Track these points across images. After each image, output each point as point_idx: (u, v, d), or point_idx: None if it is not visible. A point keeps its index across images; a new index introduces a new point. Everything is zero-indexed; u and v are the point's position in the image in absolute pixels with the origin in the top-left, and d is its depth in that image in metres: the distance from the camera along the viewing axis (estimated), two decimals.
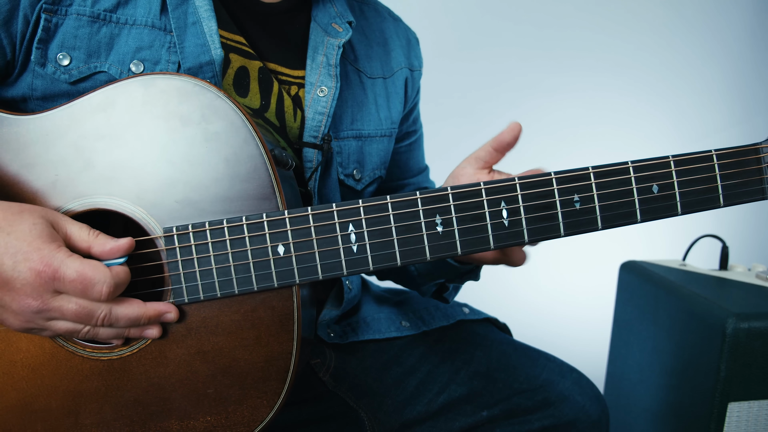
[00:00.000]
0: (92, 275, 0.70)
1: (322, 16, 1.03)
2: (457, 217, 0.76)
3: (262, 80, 0.96)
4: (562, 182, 0.77)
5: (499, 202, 0.77)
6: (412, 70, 1.18)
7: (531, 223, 0.77)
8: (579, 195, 0.77)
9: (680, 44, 2.64)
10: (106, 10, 0.87)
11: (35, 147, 0.78)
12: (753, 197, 0.80)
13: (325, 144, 0.99)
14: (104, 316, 0.73)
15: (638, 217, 0.78)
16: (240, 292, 0.77)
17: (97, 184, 0.78)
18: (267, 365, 0.78)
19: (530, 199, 0.77)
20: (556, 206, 0.77)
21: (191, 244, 0.77)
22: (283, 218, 0.76)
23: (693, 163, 0.78)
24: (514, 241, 0.77)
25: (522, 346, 1.13)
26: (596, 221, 0.78)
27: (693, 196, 0.79)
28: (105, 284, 0.71)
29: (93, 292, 0.71)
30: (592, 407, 1.04)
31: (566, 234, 0.78)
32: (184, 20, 0.89)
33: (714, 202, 0.79)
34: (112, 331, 0.76)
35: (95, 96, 0.78)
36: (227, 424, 0.79)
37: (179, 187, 0.77)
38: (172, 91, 0.77)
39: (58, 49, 0.85)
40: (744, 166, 0.79)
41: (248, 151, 0.77)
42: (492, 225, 0.77)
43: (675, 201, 0.78)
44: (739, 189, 0.79)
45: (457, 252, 0.77)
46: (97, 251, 0.74)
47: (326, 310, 1.05)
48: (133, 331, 0.77)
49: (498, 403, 1.04)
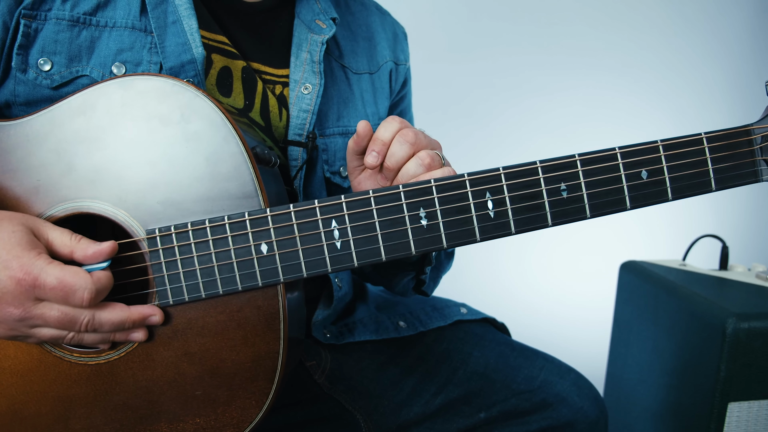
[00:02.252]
0: (73, 281, 0.70)
1: (306, 13, 1.02)
2: (442, 209, 0.75)
3: (245, 80, 0.95)
4: (547, 171, 0.75)
5: (484, 193, 0.75)
6: (397, 63, 1.17)
7: (517, 214, 0.76)
8: (566, 183, 0.76)
9: (681, 44, 2.62)
10: (86, 14, 0.87)
11: (17, 152, 0.78)
12: (746, 180, 0.78)
13: (310, 142, 0.98)
14: (87, 322, 0.73)
15: (627, 204, 0.76)
16: (225, 292, 0.76)
17: (80, 187, 0.78)
18: (254, 365, 0.78)
19: (516, 189, 0.75)
20: (542, 196, 0.76)
21: (174, 246, 0.76)
22: (266, 216, 0.75)
23: (683, 146, 0.77)
24: (500, 232, 0.76)
25: (520, 346, 1.12)
26: (584, 209, 0.76)
27: (684, 181, 0.77)
28: (86, 290, 0.71)
29: (74, 299, 0.71)
30: (590, 408, 1.02)
31: (554, 224, 0.76)
32: (164, 20, 0.89)
33: (706, 186, 0.77)
34: (97, 336, 0.75)
35: (74, 99, 0.78)
36: (216, 426, 0.79)
37: (161, 188, 0.77)
38: (150, 92, 0.77)
39: (38, 54, 0.85)
40: (735, 149, 0.77)
41: (229, 150, 0.77)
42: (477, 217, 0.75)
43: (665, 186, 0.76)
44: (732, 172, 0.77)
45: (442, 245, 0.76)
46: (79, 256, 0.74)
47: (319, 310, 1.04)
48: (118, 336, 0.76)
49: (496, 404, 1.03)
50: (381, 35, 1.15)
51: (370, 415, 1.02)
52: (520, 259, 2.55)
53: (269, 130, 0.98)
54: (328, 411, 1.02)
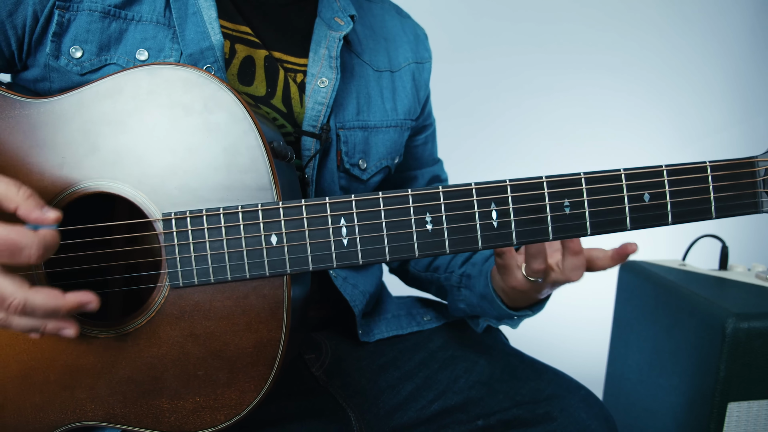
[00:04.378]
0: (18, 239, 0.67)
1: (326, 11, 1.06)
2: (447, 215, 0.78)
3: (267, 68, 1.00)
4: (553, 186, 0.78)
5: (489, 203, 0.78)
6: (420, 62, 1.20)
7: (520, 226, 0.78)
8: (569, 200, 0.78)
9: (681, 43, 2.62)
10: (116, 6, 0.91)
11: (45, 129, 0.82)
12: (745, 210, 0.80)
13: (323, 134, 1.01)
14: (18, 304, 0.68)
15: (628, 224, 0.78)
16: (233, 279, 0.79)
17: (102, 167, 0.81)
18: (256, 351, 0.81)
19: (520, 201, 0.78)
20: (545, 210, 0.78)
21: (188, 230, 0.79)
22: (278, 208, 0.78)
23: (686, 173, 0.79)
24: (502, 242, 0.78)
25: (530, 359, 1.10)
26: (585, 227, 0.78)
27: (684, 207, 0.79)
28: (33, 247, 0.67)
29: (21, 257, 0.67)
30: (598, 427, 0.98)
31: (554, 238, 0.78)
32: (185, 11, 0.93)
33: (706, 213, 0.79)
34: (28, 321, 0.71)
35: (104, 83, 0.81)
36: (215, 406, 0.82)
37: (179, 174, 0.80)
38: (176, 81, 0.80)
39: (71, 42, 0.90)
40: (738, 179, 0.79)
41: (247, 143, 0.80)
42: (481, 225, 0.78)
43: (666, 211, 0.78)
44: (732, 201, 0.79)
45: (445, 250, 0.78)
46: (22, 213, 0.69)
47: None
48: (50, 326, 0.72)
49: (495, 413, 1.01)
50: (402, 38, 1.19)
51: (363, 415, 1.03)
52: None
53: (291, 117, 1.01)
54: (322, 405, 1.03)
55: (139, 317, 0.82)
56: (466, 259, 1.14)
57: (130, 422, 0.83)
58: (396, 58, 1.17)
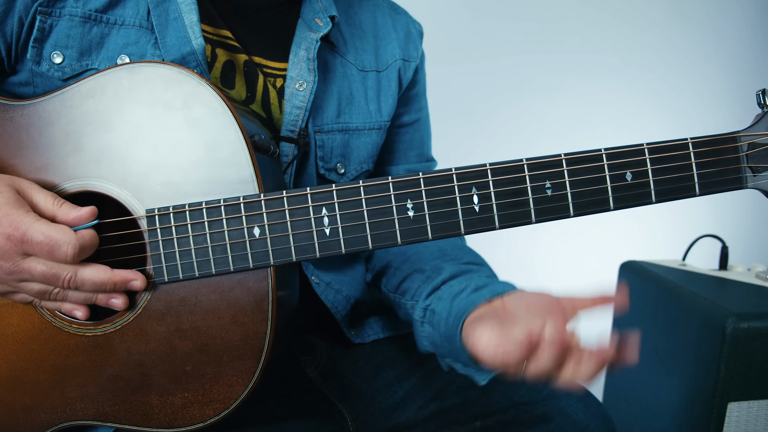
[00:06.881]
0: (58, 237, 0.75)
1: (308, 12, 1.04)
2: (428, 202, 0.77)
3: (247, 73, 0.99)
4: (533, 169, 0.77)
5: (470, 188, 0.78)
6: (407, 60, 1.17)
7: (502, 209, 0.78)
8: (551, 182, 0.77)
9: (681, 43, 2.62)
10: (97, 11, 0.91)
11: (30, 131, 0.83)
12: (730, 186, 0.79)
13: (301, 138, 1.00)
14: (70, 278, 0.77)
15: (611, 204, 0.78)
16: (217, 273, 0.80)
17: (87, 167, 0.82)
18: (242, 344, 0.81)
19: (501, 185, 0.77)
20: (527, 193, 0.77)
21: (172, 225, 0.80)
22: (259, 200, 0.78)
23: (668, 150, 0.78)
24: (484, 226, 0.78)
25: None
26: (568, 208, 0.78)
27: (668, 184, 0.78)
28: (70, 245, 0.75)
29: (59, 253, 0.75)
30: (596, 427, 0.97)
31: (537, 221, 0.78)
32: (165, 17, 0.92)
33: (690, 190, 0.78)
34: (81, 295, 0.80)
35: (86, 83, 0.82)
36: (204, 400, 0.82)
37: (162, 171, 0.81)
38: (157, 79, 0.81)
39: (52, 48, 0.90)
40: (721, 155, 0.78)
41: (228, 137, 0.80)
42: (463, 210, 0.78)
43: (649, 189, 0.78)
44: (716, 177, 0.78)
45: (428, 237, 0.78)
46: (61, 220, 0.78)
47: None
48: (100, 297, 0.81)
49: (493, 414, 1.00)
50: (391, 35, 1.16)
51: (359, 416, 1.01)
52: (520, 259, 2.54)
53: (270, 122, 1.00)
54: (317, 406, 1.02)
55: (125, 314, 0.82)
56: (434, 289, 0.98)
57: (120, 420, 0.83)
58: (383, 56, 1.14)
